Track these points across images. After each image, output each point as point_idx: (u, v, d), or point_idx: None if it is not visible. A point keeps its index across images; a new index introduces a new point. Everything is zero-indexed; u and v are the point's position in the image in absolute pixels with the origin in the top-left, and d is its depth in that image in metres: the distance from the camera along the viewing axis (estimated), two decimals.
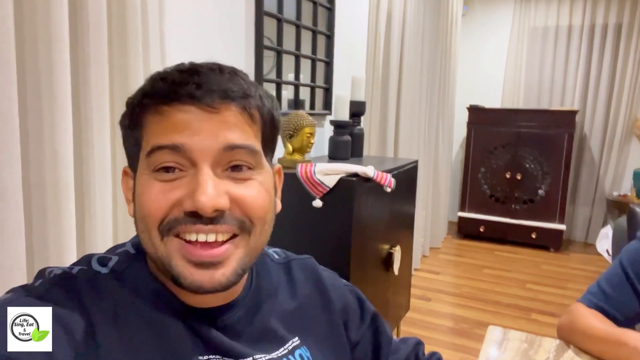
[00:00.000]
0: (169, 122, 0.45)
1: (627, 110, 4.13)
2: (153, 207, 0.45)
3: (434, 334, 2.61)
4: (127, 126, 0.50)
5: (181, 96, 0.45)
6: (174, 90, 0.45)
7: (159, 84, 0.46)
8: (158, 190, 0.46)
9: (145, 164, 0.47)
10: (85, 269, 0.49)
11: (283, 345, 0.57)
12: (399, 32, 2.90)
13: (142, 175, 0.47)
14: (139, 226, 0.48)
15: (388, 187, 1.73)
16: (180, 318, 0.49)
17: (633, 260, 1.00)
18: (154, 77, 0.48)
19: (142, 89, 0.49)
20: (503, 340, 0.99)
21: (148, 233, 0.47)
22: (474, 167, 4.39)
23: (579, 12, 4.29)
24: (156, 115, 0.46)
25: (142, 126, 0.47)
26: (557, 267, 3.74)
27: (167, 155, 0.45)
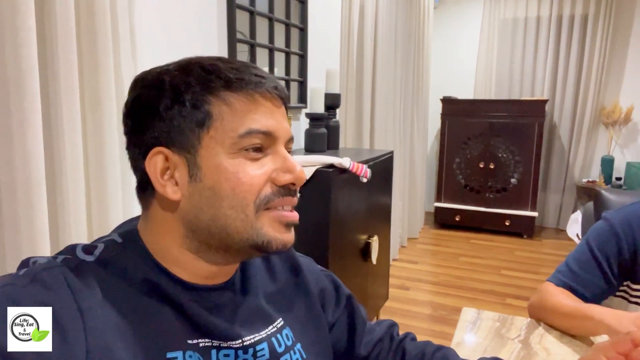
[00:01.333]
0: (259, 108, 0.51)
1: (595, 98, 4.26)
2: (252, 182, 0.50)
3: (413, 322, 2.66)
4: (180, 105, 0.50)
5: (268, 88, 0.52)
6: (261, 82, 0.51)
7: (244, 73, 0.51)
8: (252, 168, 0.50)
9: (227, 144, 0.50)
10: (70, 257, 0.49)
11: (272, 324, 0.59)
12: (372, 24, 2.92)
13: (221, 155, 0.50)
14: (226, 203, 0.50)
15: (364, 178, 1.75)
16: (170, 303, 0.50)
17: (599, 240, 1.04)
18: (234, 73, 0.50)
19: (223, 78, 0.50)
20: (477, 320, 1.02)
21: (242, 209, 0.50)
22: (448, 157, 4.46)
23: (546, 4, 4.39)
24: (246, 99, 0.51)
25: (215, 110, 0.50)
26: (531, 253, 3.84)
27: (258, 138, 0.51)
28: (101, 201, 1.07)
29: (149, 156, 0.51)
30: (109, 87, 1.05)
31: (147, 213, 0.54)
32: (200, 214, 0.51)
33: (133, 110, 0.52)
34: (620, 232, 1.01)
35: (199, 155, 0.50)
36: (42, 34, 0.93)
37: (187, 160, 0.50)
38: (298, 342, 0.61)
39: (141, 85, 0.53)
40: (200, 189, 0.50)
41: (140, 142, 0.52)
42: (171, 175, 0.51)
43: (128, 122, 0.53)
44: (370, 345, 0.73)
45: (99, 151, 1.06)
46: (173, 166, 0.51)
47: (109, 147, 1.07)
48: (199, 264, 0.53)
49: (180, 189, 0.51)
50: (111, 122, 1.07)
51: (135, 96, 0.52)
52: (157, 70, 0.53)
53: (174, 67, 0.52)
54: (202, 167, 0.50)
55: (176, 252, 0.53)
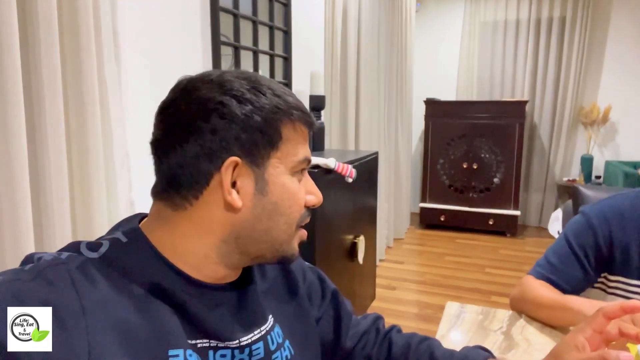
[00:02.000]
0: (307, 142, 0.59)
1: (573, 99, 4.35)
2: (302, 204, 0.57)
3: (400, 321, 2.68)
4: (258, 120, 0.53)
5: (313, 122, 0.59)
6: (308, 114, 0.58)
7: (303, 111, 0.57)
8: (301, 191, 0.58)
9: (289, 166, 0.56)
10: (74, 254, 0.49)
11: (265, 322, 0.60)
12: (355, 27, 2.95)
13: (284, 175, 0.55)
14: (283, 219, 0.56)
15: (349, 178, 1.77)
16: (173, 303, 0.51)
17: (576, 233, 1.07)
18: (294, 102, 0.56)
19: (289, 104, 0.55)
20: (460, 313, 1.05)
21: (291, 225, 0.57)
22: (433, 158, 4.52)
23: (525, 7, 4.48)
24: (303, 127, 0.57)
25: (284, 133, 0.55)
26: (514, 251, 3.91)
27: (305, 165, 0.58)
28: (85, 203, 1.07)
29: (227, 163, 0.51)
30: (92, 89, 1.05)
31: (177, 213, 0.54)
32: (257, 224, 0.54)
33: (208, 111, 0.51)
34: (597, 226, 1.04)
35: (267, 172, 0.54)
36: (24, 35, 0.93)
37: (255, 173, 0.53)
38: (287, 339, 0.62)
39: (223, 91, 0.52)
40: (265, 202, 0.54)
41: (206, 144, 0.51)
42: (233, 183, 0.53)
43: (195, 120, 0.52)
44: (356, 337, 0.75)
45: (83, 154, 1.06)
46: (238, 175, 0.53)
47: (93, 150, 1.06)
48: (217, 267, 0.55)
49: (242, 197, 0.53)
50: (95, 126, 1.06)
51: (214, 98, 0.52)
52: (230, 78, 0.54)
53: (246, 82, 0.54)
54: (269, 182, 0.54)
55: (200, 255, 0.54)
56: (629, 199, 1.05)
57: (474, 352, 0.73)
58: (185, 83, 0.54)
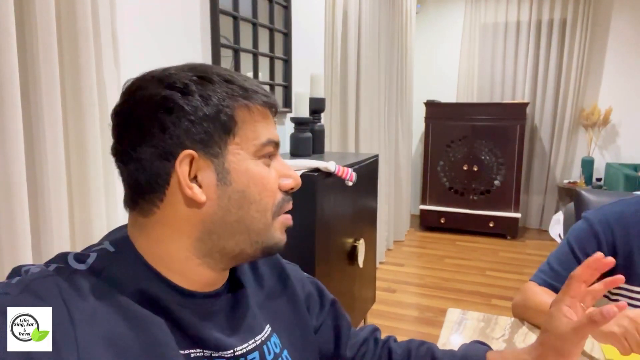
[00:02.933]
0: (270, 123, 0.56)
1: (574, 101, 4.34)
2: (273, 189, 0.55)
3: (400, 324, 2.67)
4: (207, 110, 0.51)
5: (274, 104, 0.57)
6: (267, 95, 0.56)
7: (259, 93, 0.55)
8: (270, 175, 0.55)
9: (251, 150, 0.53)
10: (62, 266, 0.49)
11: (261, 332, 0.59)
12: (355, 29, 2.95)
13: (247, 160, 0.53)
14: (253, 206, 0.53)
15: (349, 181, 1.76)
16: (163, 313, 0.50)
17: (579, 239, 1.06)
18: (249, 85, 0.55)
19: (242, 87, 0.54)
20: (462, 320, 1.04)
21: (264, 212, 0.54)
22: (433, 160, 4.51)
23: (526, 9, 4.48)
24: (261, 109, 0.55)
25: (238, 118, 0.53)
26: (514, 253, 3.90)
27: (271, 147, 0.55)
28: (84, 206, 1.06)
29: (180, 158, 0.50)
30: (91, 92, 1.04)
31: (148, 219, 0.53)
32: (227, 216, 0.52)
33: (152, 109, 0.50)
34: (600, 231, 1.03)
35: (227, 160, 0.52)
36: (22, 38, 0.92)
37: (214, 164, 0.52)
38: (285, 349, 0.61)
39: (165, 86, 0.51)
40: (230, 192, 0.52)
41: (158, 143, 0.50)
42: (194, 177, 0.51)
43: (142, 120, 0.51)
44: (355, 347, 0.75)
45: (82, 157, 1.05)
46: (197, 169, 0.51)
47: (91, 152, 1.05)
48: (201, 270, 0.54)
49: (205, 190, 0.51)
50: (94, 128, 1.06)
51: (157, 95, 0.51)
52: (173, 72, 0.52)
53: (191, 73, 0.52)
54: (231, 171, 0.52)
55: (181, 257, 0.52)
56: (632, 205, 1.04)
57: (473, 348, 0.74)
58: (129, 84, 0.53)
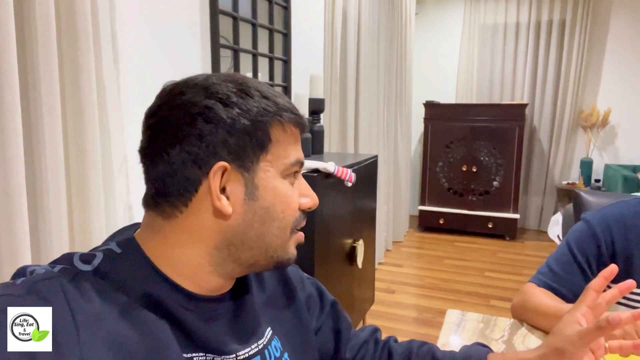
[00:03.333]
0: (298, 141, 0.57)
1: (573, 102, 4.35)
2: (295, 207, 0.56)
3: (399, 325, 2.67)
4: (246, 123, 0.51)
5: (305, 123, 0.58)
6: (298, 115, 0.56)
7: (293, 112, 0.55)
8: (294, 194, 0.56)
9: (280, 169, 0.54)
10: (67, 267, 0.48)
11: (262, 337, 0.59)
12: (355, 30, 2.95)
13: (276, 178, 0.54)
14: (275, 224, 0.54)
15: (349, 182, 1.76)
16: (168, 316, 0.50)
17: (578, 240, 1.06)
18: (284, 103, 0.55)
19: (277, 105, 0.54)
20: (461, 321, 1.03)
21: (285, 230, 0.55)
22: (432, 161, 4.51)
23: (525, 10, 4.48)
24: (293, 128, 0.56)
25: (273, 135, 0.53)
26: (513, 254, 3.90)
27: (298, 167, 0.57)
28: (83, 207, 1.06)
29: (215, 169, 0.50)
30: (90, 92, 1.04)
31: (167, 222, 0.52)
32: (249, 230, 0.53)
33: (192, 115, 0.50)
34: (599, 233, 1.03)
35: (257, 176, 0.52)
36: (21, 38, 0.92)
37: (244, 178, 0.52)
38: (285, 352, 0.61)
39: (207, 95, 0.51)
40: (256, 207, 0.53)
41: (192, 149, 0.50)
42: (222, 188, 0.51)
43: (181, 125, 0.50)
44: (355, 348, 0.75)
45: (81, 158, 1.05)
46: (227, 180, 0.51)
47: (91, 153, 1.05)
48: (211, 277, 0.54)
49: (232, 204, 0.52)
50: (93, 128, 1.05)
51: (199, 102, 0.50)
52: (215, 81, 0.52)
53: (232, 85, 0.52)
54: (259, 187, 0.53)
55: (194, 263, 0.52)
56: (631, 206, 1.04)
57: (475, 350, 0.74)
58: (170, 88, 0.53)
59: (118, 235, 0.57)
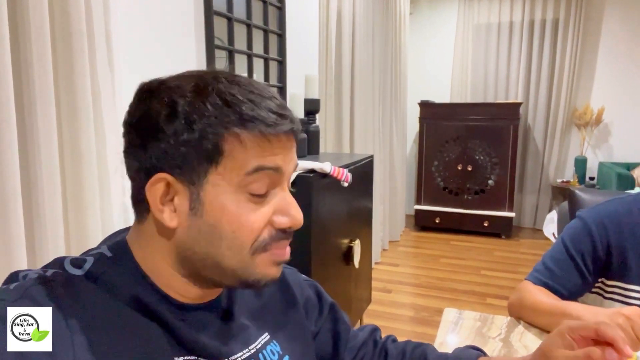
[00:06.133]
0: (271, 146, 0.49)
1: (567, 100, 4.37)
2: (254, 227, 0.49)
3: (396, 324, 2.67)
4: (191, 134, 0.47)
5: (284, 128, 0.49)
6: (276, 123, 0.48)
7: (260, 108, 0.48)
8: (253, 211, 0.49)
9: (235, 181, 0.48)
10: (59, 272, 0.48)
11: (254, 342, 0.58)
12: (350, 30, 2.95)
13: (227, 194, 0.48)
14: (225, 243, 0.49)
15: (345, 182, 1.76)
16: (158, 320, 0.49)
17: (573, 238, 1.07)
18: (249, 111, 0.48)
19: (240, 113, 0.47)
20: (458, 320, 1.04)
21: (239, 250, 0.49)
22: (427, 160, 4.52)
23: (518, 9, 4.50)
24: (259, 139, 0.48)
25: (226, 148, 0.47)
26: (509, 253, 3.91)
27: (266, 175, 0.49)
28: (78, 210, 1.05)
29: (152, 181, 0.48)
30: (85, 93, 1.04)
31: (141, 226, 0.52)
32: (196, 247, 0.50)
33: (138, 123, 0.49)
34: (594, 230, 1.04)
35: (203, 190, 0.48)
36: (15, 38, 0.91)
37: (190, 191, 0.48)
38: (286, 355, 0.61)
39: (152, 101, 0.49)
40: (200, 224, 0.49)
41: (140, 158, 0.49)
42: (170, 199, 0.49)
43: (131, 133, 0.50)
44: (354, 350, 0.74)
45: (76, 159, 1.04)
46: (174, 192, 0.49)
47: (86, 155, 1.05)
48: (188, 287, 0.53)
49: (177, 216, 0.49)
50: (88, 130, 1.05)
51: (143, 110, 0.49)
52: (171, 85, 0.50)
53: (190, 87, 0.48)
54: (205, 202, 0.48)
55: (167, 273, 0.52)
56: (626, 203, 1.05)
57: (466, 353, 0.73)
58: (138, 90, 0.52)
59: (111, 238, 0.57)
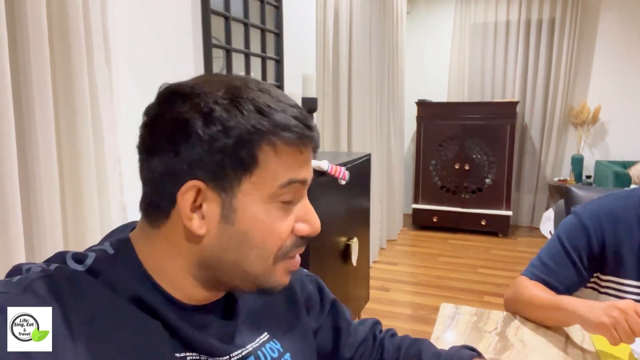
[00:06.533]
0: (301, 159, 0.51)
1: (563, 99, 4.39)
2: (282, 236, 0.51)
3: (394, 323, 2.68)
4: (227, 142, 0.46)
5: (312, 141, 0.51)
6: (310, 135, 0.51)
7: (293, 130, 0.49)
8: (281, 219, 0.51)
9: (266, 193, 0.49)
10: (61, 266, 0.48)
11: (254, 341, 0.59)
12: (347, 29, 2.96)
13: (258, 204, 0.49)
14: (254, 251, 0.50)
15: (342, 180, 1.77)
16: (158, 318, 0.50)
17: (569, 234, 1.08)
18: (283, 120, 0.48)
19: (274, 122, 0.48)
20: (455, 315, 1.05)
21: (266, 258, 0.51)
22: (425, 159, 4.53)
23: (515, 8, 4.52)
24: (293, 149, 0.50)
25: (261, 158, 0.48)
26: (506, 251, 3.93)
27: (294, 188, 0.51)
28: (76, 208, 1.06)
29: (184, 189, 0.47)
30: (82, 92, 1.04)
31: (154, 231, 0.52)
32: (224, 254, 0.50)
33: (167, 127, 0.48)
34: (589, 226, 1.05)
35: (236, 198, 0.48)
36: (12, 38, 0.92)
37: (222, 199, 0.48)
38: (287, 352, 0.61)
39: (184, 105, 0.47)
40: (231, 232, 0.49)
41: (168, 163, 0.48)
42: (198, 206, 0.49)
43: (157, 136, 0.49)
44: (354, 347, 0.75)
45: (74, 158, 1.05)
46: (203, 199, 0.48)
47: (84, 154, 1.05)
48: (197, 290, 0.53)
49: (206, 224, 0.49)
50: (86, 129, 1.05)
51: (175, 113, 0.48)
52: (202, 90, 0.48)
53: (222, 93, 0.48)
54: (237, 210, 0.48)
55: (178, 275, 0.52)
56: (620, 199, 1.06)
57: (460, 353, 0.73)
58: (163, 92, 0.51)
59: (114, 234, 0.57)
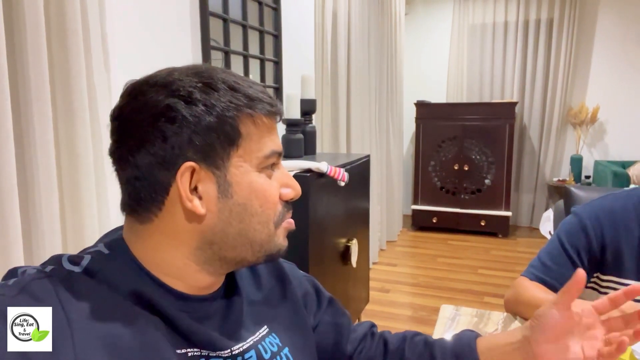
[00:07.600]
0: (273, 131, 0.55)
1: (562, 99, 4.39)
2: (275, 200, 0.54)
3: (394, 324, 2.68)
4: (211, 120, 0.49)
5: (279, 111, 0.56)
6: (278, 106, 0.55)
7: (264, 101, 0.53)
8: (272, 186, 0.54)
9: (254, 163, 0.52)
10: (57, 268, 0.48)
11: (253, 335, 0.59)
12: (345, 31, 2.96)
13: (250, 173, 0.52)
14: (255, 219, 0.53)
15: (342, 182, 1.77)
16: (158, 314, 0.50)
17: (569, 234, 1.07)
18: (254, 93, 0.52)
19: (247, 96, 0.51)
20: (455, 316, 1.04)
21: (267, 224, 0.54)
22: (424, 160, 4.53)
23: (513, 9, 4.53)
24: (265, 124, 0.53)
25: (243, 130, 0.51)
26: (506, 251, 3.93)
27: (275, 158, 0.54)
28: (75, 210, 1.05)
29: (182, 170, 0.49)
30: (81, 95, 1.04)
31: (146, 227, 0.52)
32: (228, 228, 0.52)
33: (154, 117, 0.48)
34: (589, 226, 1.04)
35: (229, 173, 0.51)
36: (10, 40, 0.92)
37: (216, 176, 0.50)
38: (285, 347, 0.61)
39: (162, 92, 0.49)
40: (231, 205, 0.51)
41: (156, 152, 0.49)
42: (194, 189, 0.50)
43: (143, 127, 0.49)
44: (356, 342, 0.75)
45: (73, 160, 1.04)
46: (197, 180, 0.50)
47: (82, 156, 1.05)
48: (200, 275, 0.53)
49: (205, 203, 0.50)
50: (84, 131, 1.05)
51: (160, 102, 0.48)
52: (177, 77, 0.50)
53: (194, 78, 0.50)
54: (232, 184, 0.51)
55: (179, 264, 0.52)
56: (620, 199, 1.06)
57: (464, 334, 0.75)
58: (131, 89, 0.51)
59: (108, 236, 0.57)
